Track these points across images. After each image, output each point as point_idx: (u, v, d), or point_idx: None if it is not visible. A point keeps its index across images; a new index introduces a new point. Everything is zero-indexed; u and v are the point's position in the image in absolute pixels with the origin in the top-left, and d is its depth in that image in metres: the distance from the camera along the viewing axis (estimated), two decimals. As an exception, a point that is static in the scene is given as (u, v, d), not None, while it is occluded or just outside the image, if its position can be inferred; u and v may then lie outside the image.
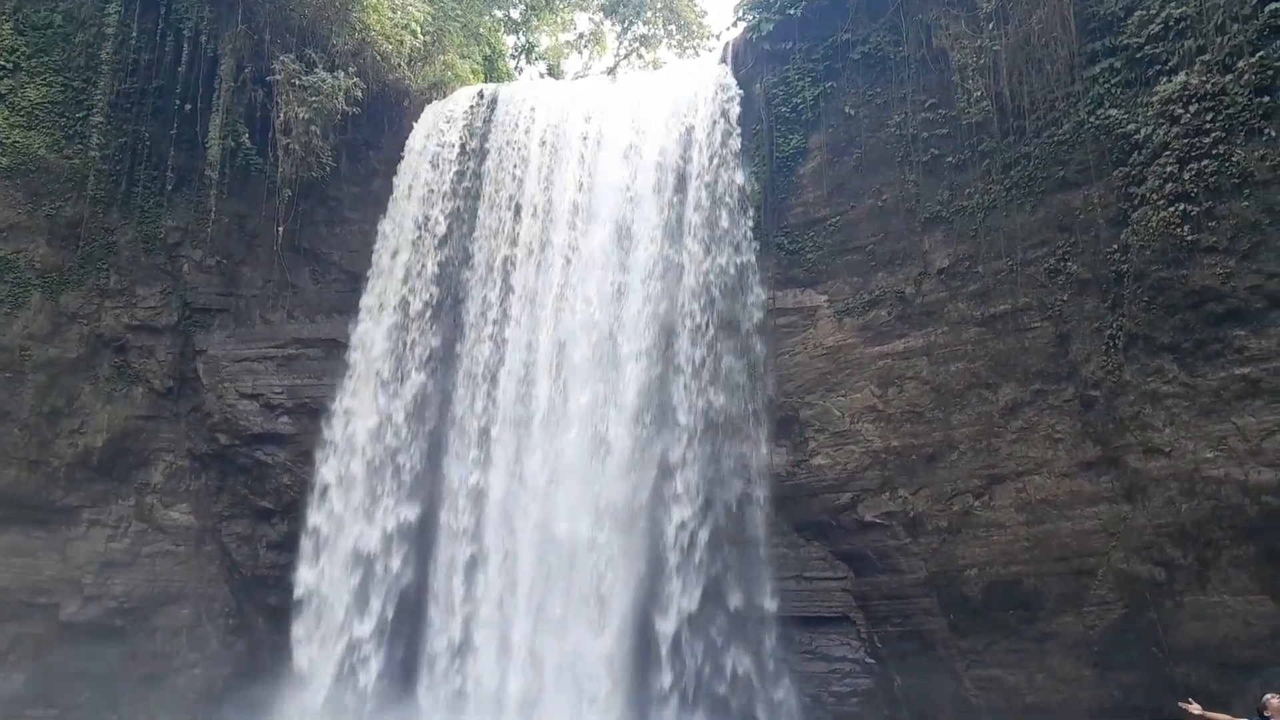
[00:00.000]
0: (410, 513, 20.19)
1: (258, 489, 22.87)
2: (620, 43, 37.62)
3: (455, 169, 22.57)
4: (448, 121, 23.19)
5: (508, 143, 22.24)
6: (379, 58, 23.50)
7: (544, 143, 21.74)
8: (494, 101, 23.23)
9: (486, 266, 21.34)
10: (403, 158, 23.39)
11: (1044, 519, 17.64)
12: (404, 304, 21.57)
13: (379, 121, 23.96)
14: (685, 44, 36.43)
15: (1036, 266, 17.94)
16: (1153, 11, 16.46)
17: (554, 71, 35.46)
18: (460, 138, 22.82)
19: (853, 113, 20.58)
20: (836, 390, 20.16)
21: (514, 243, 21.13)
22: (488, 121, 22.77)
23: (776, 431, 20.18)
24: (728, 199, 20.94)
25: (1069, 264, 17.62)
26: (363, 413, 21.15)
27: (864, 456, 19.79)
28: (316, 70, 22.60)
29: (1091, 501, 17.17)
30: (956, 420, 18.87)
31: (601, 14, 36.45)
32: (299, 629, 20.36)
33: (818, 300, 20.79)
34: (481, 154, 22.49)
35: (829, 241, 20.79)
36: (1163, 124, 16.04)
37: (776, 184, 21.24)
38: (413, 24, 24.07)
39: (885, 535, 19.64)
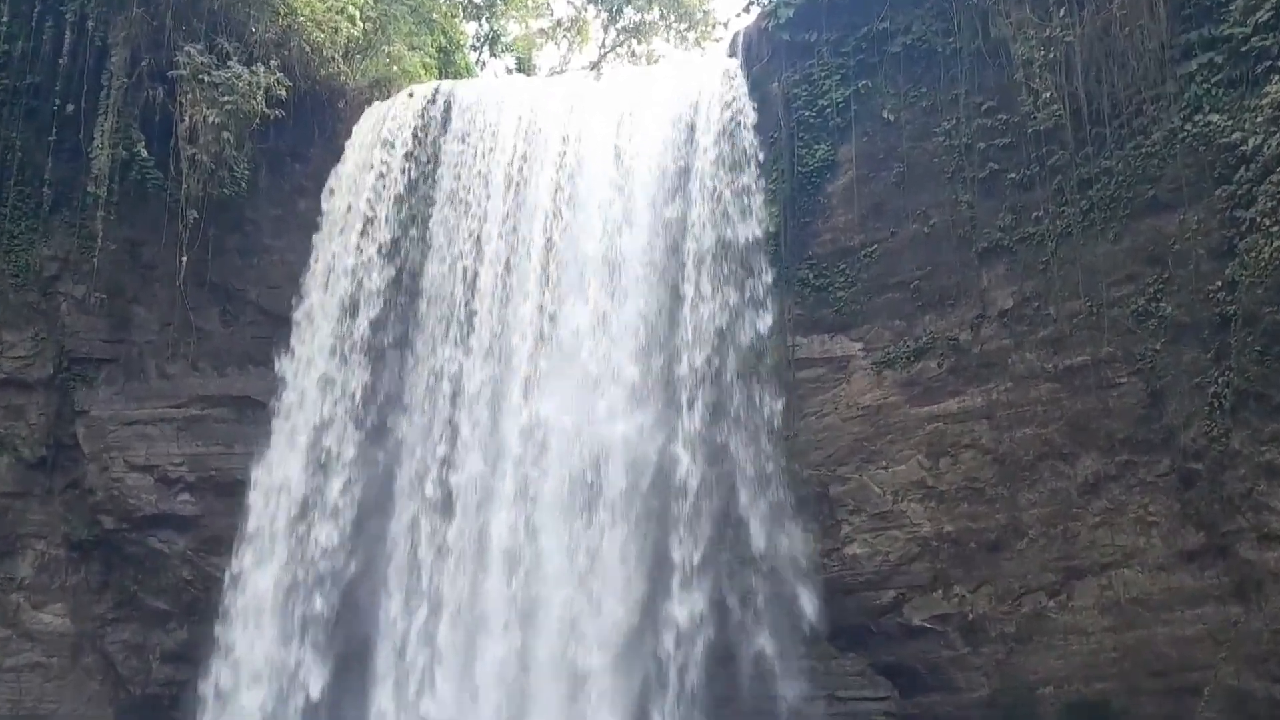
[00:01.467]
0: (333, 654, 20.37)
1: (151, 585, 22.77)
2: (607, 32, 38.60)
3: (400, 187, 22.92)
4: (392, 128, 23.44)
5: (465, 157, 22.54)
6: (308, 49, 23.68)
7: (511, 162, 22.10)
8: (449, 104, 23.51)
9: (438, 318, 21.72)
10: (337, 172, 23.66)
11: (1135, 623, 17.66)
12: (338, 357, 21.76)
13: (308, 127, 24.21)
14: (686, 34, 37.44)
15: (1122, 308, 18.12)
16: (1261, -5, 16.81)
17: (524, 66, 36.01)
18: (407, 149, 23.13)
19: (892, 118, 20.87)
20: (875, 461, 20.29)
21: (474, 288, 21.44)
22: (442, 128, 23.08)
23: (800, 513, 20.22)
24: (738, 224, 21.27)
25: (1161, 305, 17.77)
26: (286, 491, 21.18)
27: (910, 544, 19.87)
28: (230, 64, 22.78)
29: (1194, 601, 17.15)
30: (1025, 499, 18.96)
31: (584, -2, 37.48)
32: (202, 762, 20.24)
33: (851, 349, 20.99)
34: (434, 168, 22.88)
35: (864, 276, 20.99)
36: (1275, 132, 16.10)
37: (799, 205, 21.46)
38: (350, 7, 24.27)
39: (938, 644, 19.66)
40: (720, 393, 20.42)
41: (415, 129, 23.27)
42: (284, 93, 23.13)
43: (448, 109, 23.48)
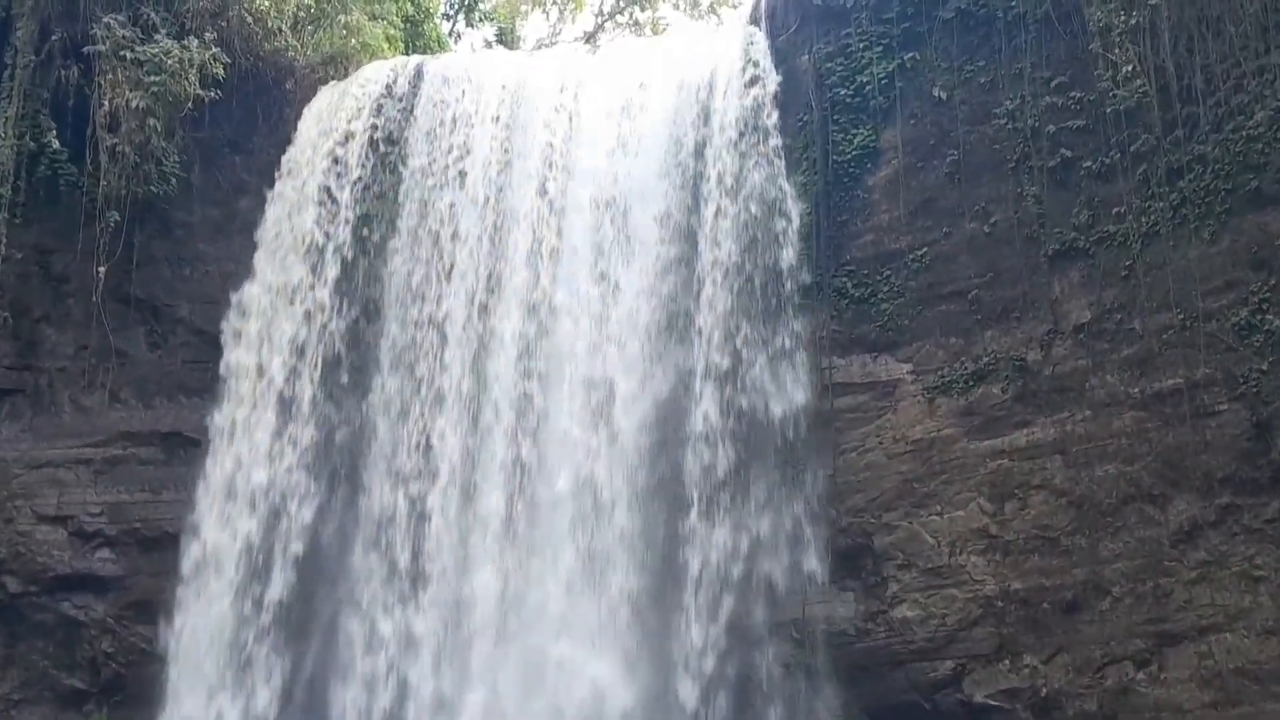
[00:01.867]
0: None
1: (64, 660, 22.65)
2: None
3: (358, 181, 23.22)
4: (351, 111, 23.74)
5: (435, 144, 22.87)
6: (250, 19, 23.88)
7: (489, 163, 22.45)
8: (417, 80, 23.83)
9: (401, 336, 22.08)
10: (284, 164, 23.91)
11: (1240, 697, 17.54)
12: (288, 377, 22.07)
13: (250, 112, 24.41)
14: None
15: (1220, 321, 18.12)
16: (1380, -53, 16.71)
17: (507, 38, 35.95)
18: (367, 134, 23.43)
19: (944, 96, 21.02)
20: (928, 505, 20.34)
21: (439, 303, 21.79)
22: (407, 113, 23.40)
23: (839, 568, 20.32)
24: (760, 222, 21.48)
25: (1268, 317, 17.77)
26: (224, 548, 21.30)
27: (971, 605, 19.83)
28: (158, 37, 22.87)
29: (1311, 672, 17.05)
30: (1107, 550, 18.96)
31: (579, -43, 37.66)
32: None
33: (898, 371, 21.09)
34: (399, 159, 23.21)
35: (913, 285, 21.10)
36: (1403, 112, 16.09)
37: (834, 201, 21.58)
38: None
39: (1006, 724, 19.56)
40: (739, 424, 20.66)
41: (377, 113, 23.64)
42: (221, 71, 23.28)
43: (415, 86, 23.90)
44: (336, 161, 23.38)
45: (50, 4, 22.99)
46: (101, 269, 22.62)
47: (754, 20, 23.35)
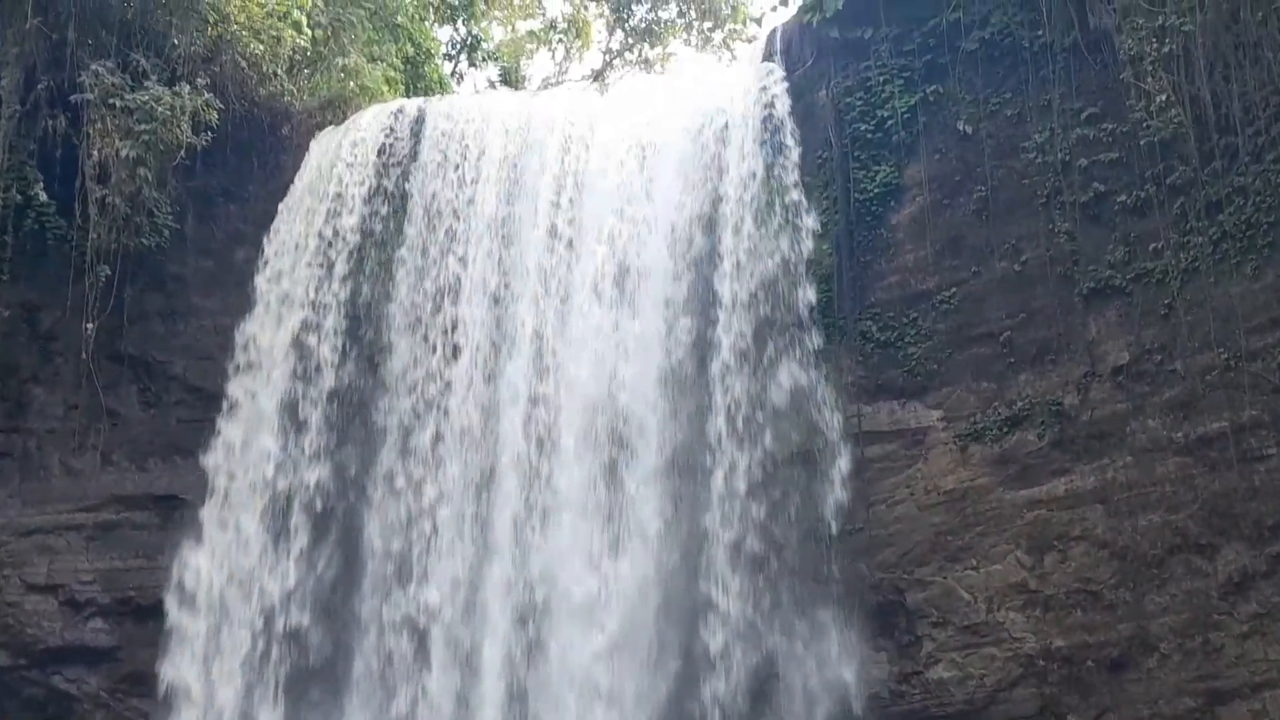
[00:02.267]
0: None
1: (56, 738, 22.27)
2: (612, 34, 38.86)
3: (357, 232, 23.09)
4: (349, 157, 23.63)
5: (438, 192, 22.71)
6: (244, 64, 23.75)
7: (495, 214, 22.32)
8: (419, 124, 23.73)
9: (401, 403, 21.79)
10: (281, 212, 23.73)
11: (1301, 761, 17.43)
12: (285, 440, 21.77)
13: (245, 160, 24.33)
14: (710, 34, 37.53)
15: (1266, 360, 17.99)
16: None
17: (511, 77, 36.06)
18: (368, 182, 23.30)
19: (969, 130, 20.92)
20: (963, 559, 20.14)
21: (448, 358, 21.60)
22: (409, 158, 23.27)
23: (869, 626, 20.11)
24: (779, 266, 21.35)
25: (1317, 355, 17.69)
26: (230, 621, 21.09)
27: (1011, 664, 19.58)
28: (149, 84, 22.78)
29: (1375, 731, 16.85)
30: (1153, 604, 18.73)
31: (586, -6, 37.80)
32: None
33: (928, 418, 20.94)
34: (400, 207, 23.06)
35: (941, 327, 20.99)
36: None
37: (856, 241, 21.49)
38: (295, 12, 24.31)
39: (1050, 790, 19.35)
40: (761, 476, 20.46)
41: (379, 158, 23.54)
42: (215, 117, 23.15)
43: (417, 130, 23.76)
44: (336, 209, 23.24)
45: (36, 51, 22.75)
46: (91, 325, 22.52)
47: (769, 55, 23.26)
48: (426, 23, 32.19)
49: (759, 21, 36.41)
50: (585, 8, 38.08)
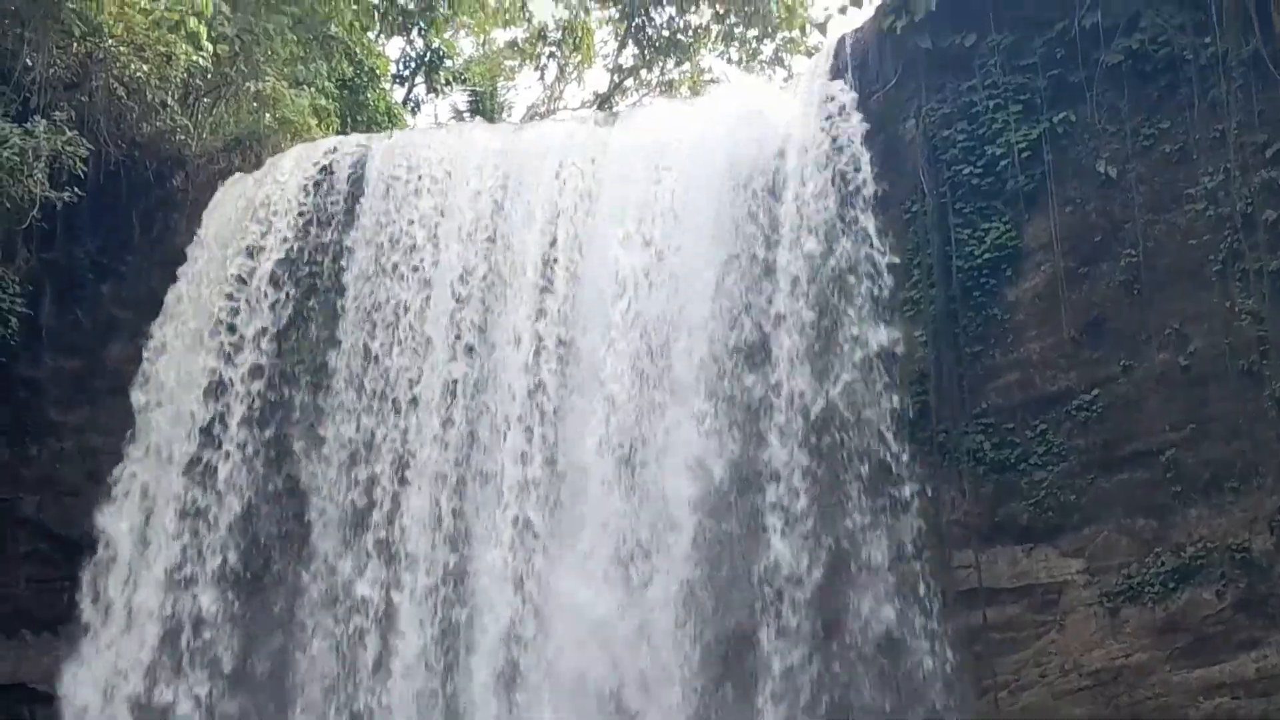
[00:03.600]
0: None
1: None
2: (623, 45, 37.23)
3: (276, 317, 21.20)
4: (265, 214, 21.74)
5: (384, 267, 21.08)
6: (123, 91, 22.46)
7: (464, 280, 20.50)
8: (359, 170, 21.83)
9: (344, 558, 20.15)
10: (171, 294, 22.14)
11: None
12: (167, 616, 20.04)
13: (123, 221, 22.91)
14: (758, 45, 36.00)
15: None
16: None
17: (485, 105, 34.64)
18: (287, 248, 21.39)
19: (1112, 173, 18.85)
20: None
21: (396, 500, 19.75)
22: (345, 220, 21.31)
23: None
24: (857, 366, 19.74)
25: None
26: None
27: None
28: (-8, 119, 21.75)
29: None
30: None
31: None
32: None
33: (1065, 570, 18.88)
34: (332, 286, 21.15)
35: (1080, 443, 18.88)
36: None
37: (961, 325, 19.71)
38: (191, 21, 22.85)
39: None
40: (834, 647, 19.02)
41: (305, 221, 21.60)
42: (82, 164, 21.56)
43: (357, 180, 21.75)
44: (243, 288, 21.43)
45: None
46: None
47: (836, 72, 21.35)
48: (371, 34, 31.46)
49: (823, 28, 34.65)
50: (586, 10, 36.87)
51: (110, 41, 22.40)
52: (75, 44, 22.31)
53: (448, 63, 34.67)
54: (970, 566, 19.03)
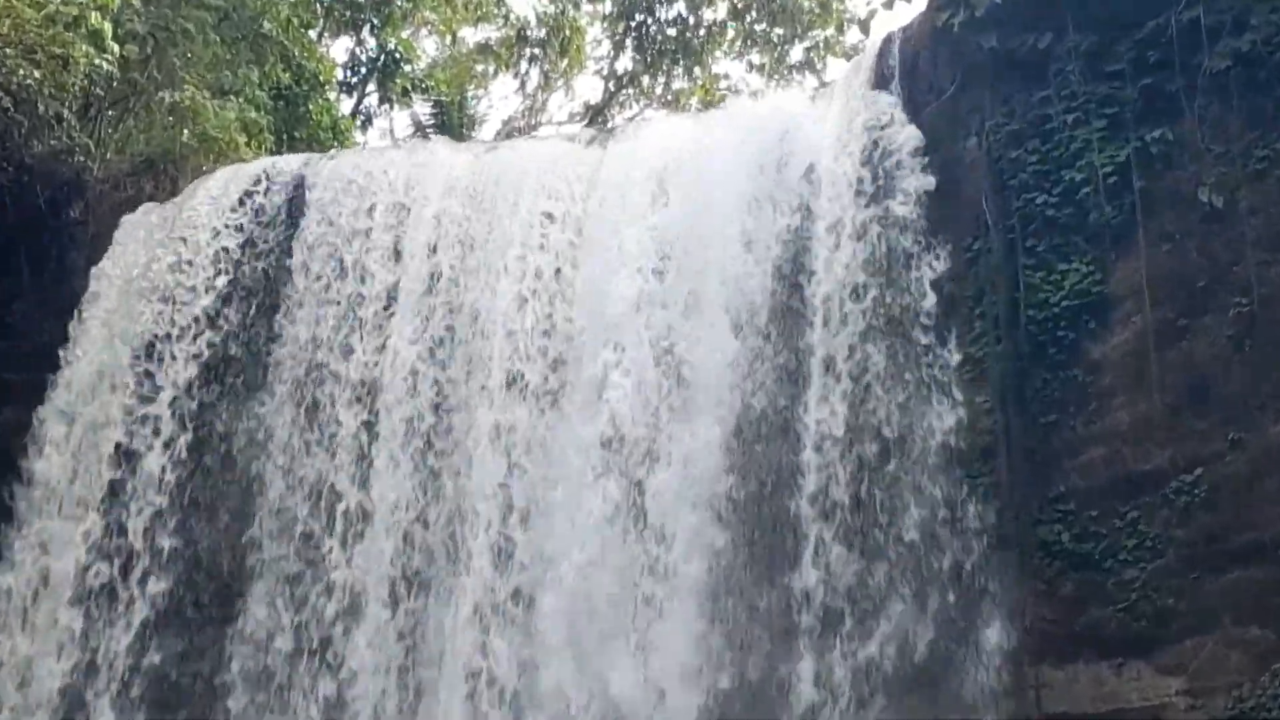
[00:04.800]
0: None
1: None
2: (620, 48, 36.02)
3: (193, 378, 19.68)
4: (183, 252, 20.36)
5: (321, 316, 19.58)
6: (9, 102, 21.45)
7: (429, 340, 18.94)
8: (295, 196, 20.58)
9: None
10: (65, 355, 20.61)
11: None
12: None
13: (7, 260, 21.84)
14: (785, 48, 34.82)
15: None
16: None
17: (452, 119, 33.23)
18: (214, 296, 19.99)
19: (1219, 203, 17.58)
20: None
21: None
22: (278, 256, 19.99)
23: None
24: (923, 435, 18.37)
25: None
26: None
27: None
28: None
29: None
30: None
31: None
32: None
33: (1163, 690, 17.34)
34: (262, 338, 19.78)
35: (1180, 534, 17.35)
36: None
37: (1033, 389, 18.38)
38: (93, 17, 21.82)
39: None
40: None
41: (222, 261, 20.25)
42: None
43: (293, 210, 20.49)
44: (154, 345, 19.85)
45: None
46: None
47: (880, 80, 19.91)
48: (313, 32, 30.20)
49: (865, 25, 33.96)
50: (575, 4, 35.37)
51: (-4, 41, 21.17)
52: (-51, 42, 21.50)
53: (406, 67, 33.76)
54: (1046, 686, 17.35)
